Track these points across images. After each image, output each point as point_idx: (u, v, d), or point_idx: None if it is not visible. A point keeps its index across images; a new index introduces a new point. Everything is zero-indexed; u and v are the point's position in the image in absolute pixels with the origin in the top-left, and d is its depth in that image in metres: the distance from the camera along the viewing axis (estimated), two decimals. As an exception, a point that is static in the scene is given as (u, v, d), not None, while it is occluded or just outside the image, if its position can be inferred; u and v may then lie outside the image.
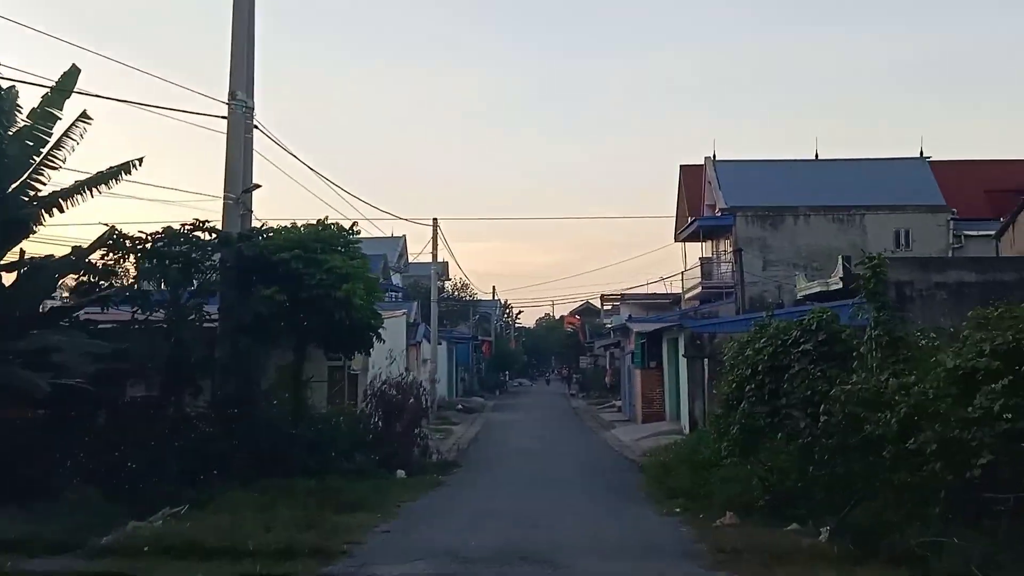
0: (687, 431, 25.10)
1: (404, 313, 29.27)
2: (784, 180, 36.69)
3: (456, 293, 71.21)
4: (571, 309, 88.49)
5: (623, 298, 78.62)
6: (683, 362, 26.29)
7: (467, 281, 75.16)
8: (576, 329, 70.15)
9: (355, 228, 17.62)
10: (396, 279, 64.23)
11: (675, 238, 45.24)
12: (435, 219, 34.72)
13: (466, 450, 23.38)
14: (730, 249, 35.54)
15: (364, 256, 17.35)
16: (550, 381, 78.17)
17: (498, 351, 66.10)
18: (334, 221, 17.32)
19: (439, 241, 34.85)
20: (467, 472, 18.55)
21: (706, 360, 23.10)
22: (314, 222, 16.75)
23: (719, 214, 35.95)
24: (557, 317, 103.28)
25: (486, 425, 32.82)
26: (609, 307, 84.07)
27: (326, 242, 16.33)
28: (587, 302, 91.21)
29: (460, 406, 41.47)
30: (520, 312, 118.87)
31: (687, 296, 39.07)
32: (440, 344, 41.29)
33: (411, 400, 18.82)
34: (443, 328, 51.93)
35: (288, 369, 16.74)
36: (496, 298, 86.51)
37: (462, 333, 51.94)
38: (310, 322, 15.96)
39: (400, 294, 55.78)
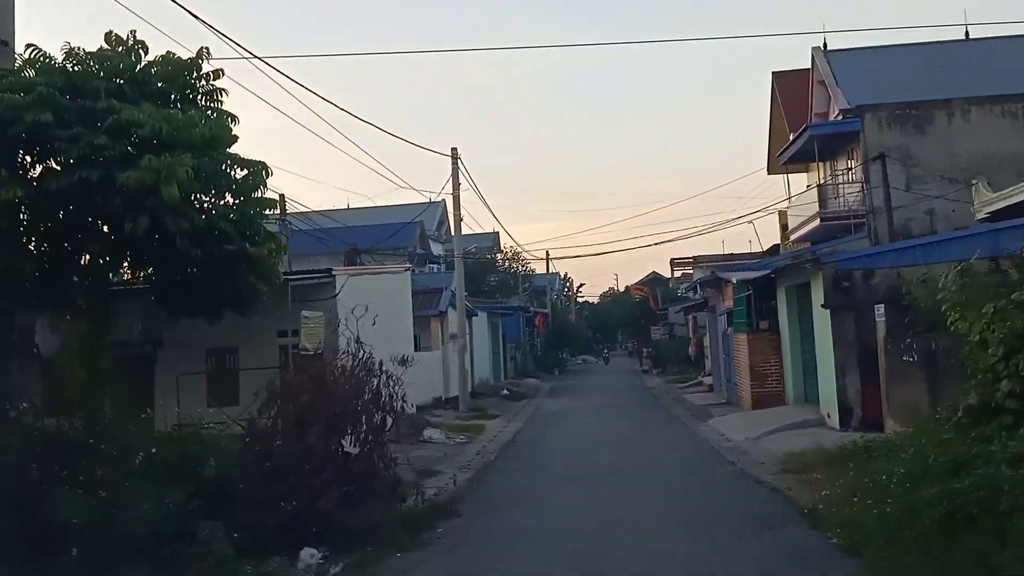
0: (837, 423, 16.03)
1: (407, 268, 20.83)
2: (926, 68, 26.93)
3: (507, 265, 63.03)
4: (637, 281, 79.43)
5: (696, 261, 69.41)
6: (821, 318, 17.17)
7: (518, 249, 66.85)
8: (645, 296, 60.90)
9: (204, 60, 9.01)
10: (437, 249, 56.25)
11: (768, 170, 35.70)
12: (454, 149, 26.26)
13: (487, 470, 14.80)
14: (855, 166, 25.99)
15: (225, 117, 8.78)
16: (608, 359, 66.43)
17: (556, 325, 57.36)
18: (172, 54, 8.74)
19: (461, 177, 26.33)
20: (468, 533, 9.89)
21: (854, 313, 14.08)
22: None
23: (838, 118, 26.45)
24: (622, 289, 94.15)
25: (533, 419, 24.21)
26: (679, 275, 74.77)
27: (142, 85, 7.82)
28: (654, 272, 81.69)
29: (505, 391, 32.96)
30: (582, 285, 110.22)
31: (794, 238, 29.61)
32: (476, 315, 32.75)
33: (362, 399, 10.34)
34: (486, 300, 43.54)
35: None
36: (554, 271, 77.86)
37: (508, 304, 43.32)
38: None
39: (441, 266, 47.77)
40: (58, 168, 7.50)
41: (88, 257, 8.62)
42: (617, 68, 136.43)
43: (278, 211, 18.15)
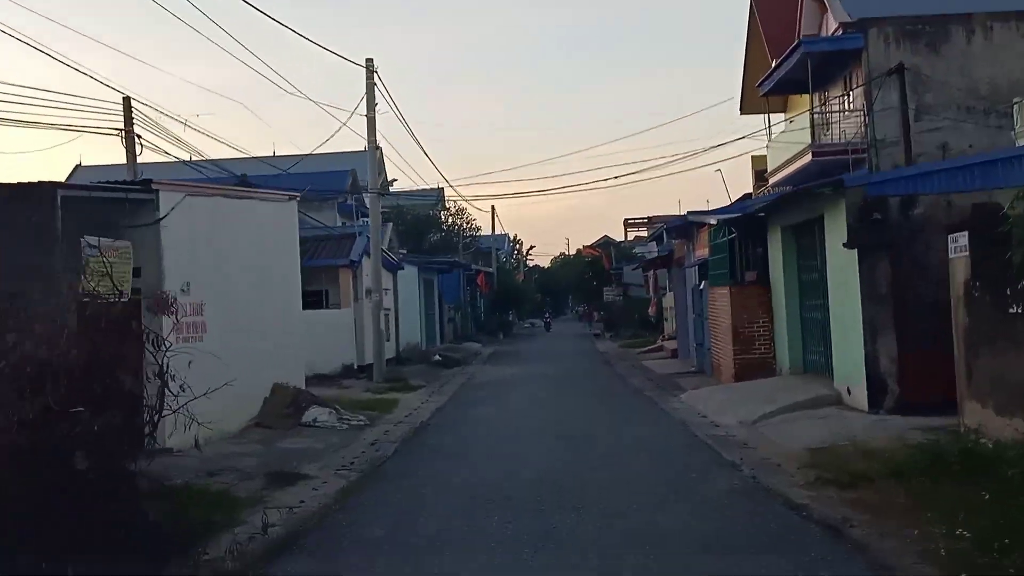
0: (864, 402, 11.71)
1: (293, 197, 15.80)
2: (940, -24, 22.52)
3: (451, 223, 58.16)
4: (589, 245, 75.19)
5: (651, 221, 65.34)
6: (840, 263, 12.76)
7: (463, 203, 61.94)
8: (597, 256, 56.55)
9: None
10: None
11: (742, 108, 31.21)
12: (369, 60, 21.18)
13: (372, 476, 9.92)
14: (857, 88, 21.62)
15: None
16: (550, 325, 56.05)
17: (501, 286, 52.67)
18: None
19: (380, 98, 21.25)
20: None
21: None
22: None
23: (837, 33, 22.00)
24: (573, 253, 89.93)
25: (462, 392, 19.55)
26: (632, 237, 70.51)
27: None
28: (606, 236, 77.19)
29: (438, 356, 28.28)
30: (532, 247, 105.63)
31: (774, 181, 25.22)
32: (401, 269, 27.85)
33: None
34: (413, 254, 38.68)
35: None
36: (503, 232, 72.96)
37: (442, 258, 38.41)
38: None
39: (389, 226, 42.42)
40: None
41: None
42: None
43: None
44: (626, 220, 69.83)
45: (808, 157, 21.66)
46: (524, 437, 12.01)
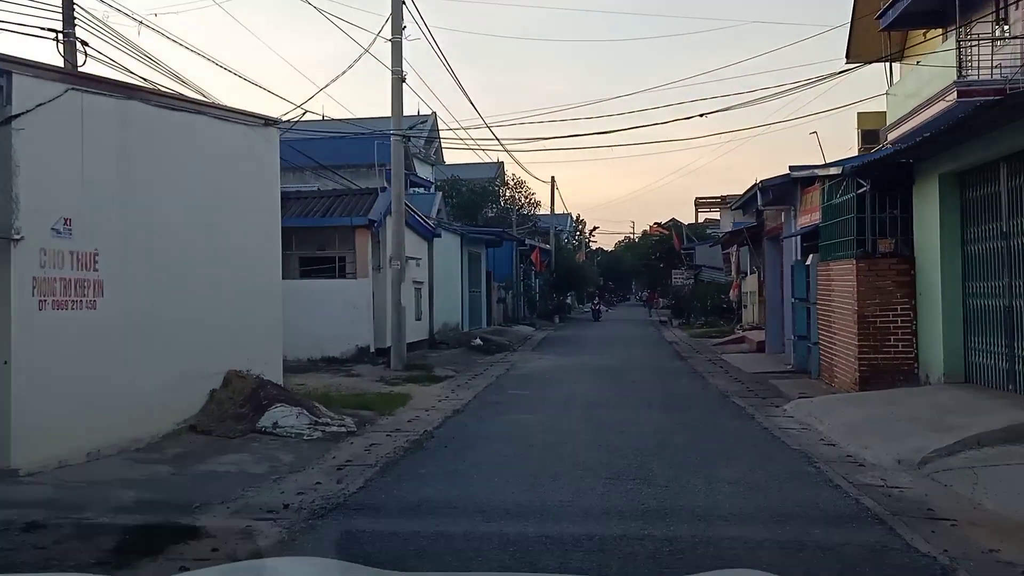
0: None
1: (271, 123, 11.80)
2: None
3: (509, 196, 54.11)
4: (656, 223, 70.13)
5: (724, 201, 60.35)
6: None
7: (523, 177, 57.79)
8: (666, 235, 51.68)
9: None
10: (426, 172, 47.19)
11: (848, 56, 26.17)
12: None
13: (291, 546, 5.91)
14: (1016, 14, 16.67)
15: None
16: (599, 312, 46.63)
17: (559, 265, 48.33)
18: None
19: (409, 21, 17.15)
20: None
21: None
22: None
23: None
24: (639, 236, 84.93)
25: (494, 388, 15.39)
26: (703, 220, 65.21)
27: None
28: (674, 219, 71.99)
29: (478, 340, 24.26)
30: (596, 228, 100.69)
31: (895, 136, 20.29)
32: (438, 236, 23.84)
33: None
34: (458, 222, 34.73)
35: None
36: (565, 211, 68.45)
37: (490, 228, 34.25)
38: None
39: (428, 188, 38.80)
40: None
41: None
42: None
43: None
44: (697, 199, 64.62)
45: (951, 98, 16.71)
46: (561, 477, 7.79)
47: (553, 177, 49.73)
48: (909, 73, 20.16)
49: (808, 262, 15.52)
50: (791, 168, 17.27)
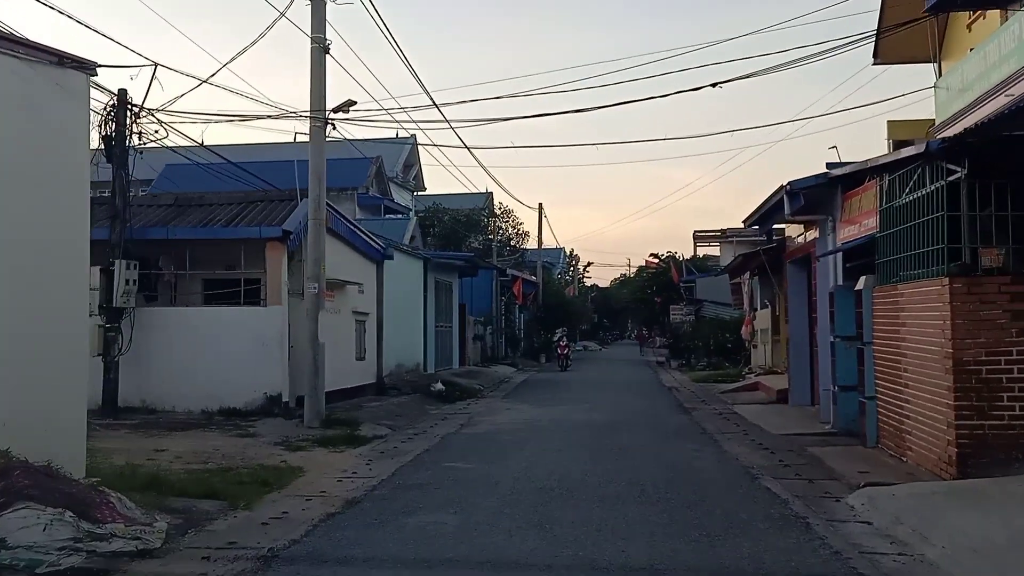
0: None
1: (78, 64, 7.74)
2: None
3: (494, 226, 50.30)
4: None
5: (725, 234, 56.68)
6: None
7: (510, 206, 54.13)
8: (662, 268, 47.62)
9: None
10: (405, 199, 43.31)
11: (876, 56, 22.39)
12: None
13: None
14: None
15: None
16: (565, 360, 32.52)
17: (547, 300, 44.19)
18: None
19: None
20: None
21: None
22: None
23: None
24: (634, 272, 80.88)
25: (434, 455, 11.09)
26: (702, 255, 61.26)
27: None
28: (668, 252, 67.91)
29: (440, 384, 19.98)
30: (590, 264, 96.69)
31: (945, 136, 16.27)
32: (388, 258, 19.71)
33: None
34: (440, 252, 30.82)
35: None
36: (557, 246, 64.42)
37: (459, 253, 30.10)
38: None
39: (406, 217, 34.93)
40: None
41: None
42: None
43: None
44: (696, 232, 60.60)
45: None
46: None
47: (541, 204, 45.82)
48: (961, 63, 16.29)
49: (859, 286, 11.42)
50: (829, 166, 13.29)
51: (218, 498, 8.05)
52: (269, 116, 15.18)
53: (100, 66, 8.32)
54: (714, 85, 12.79)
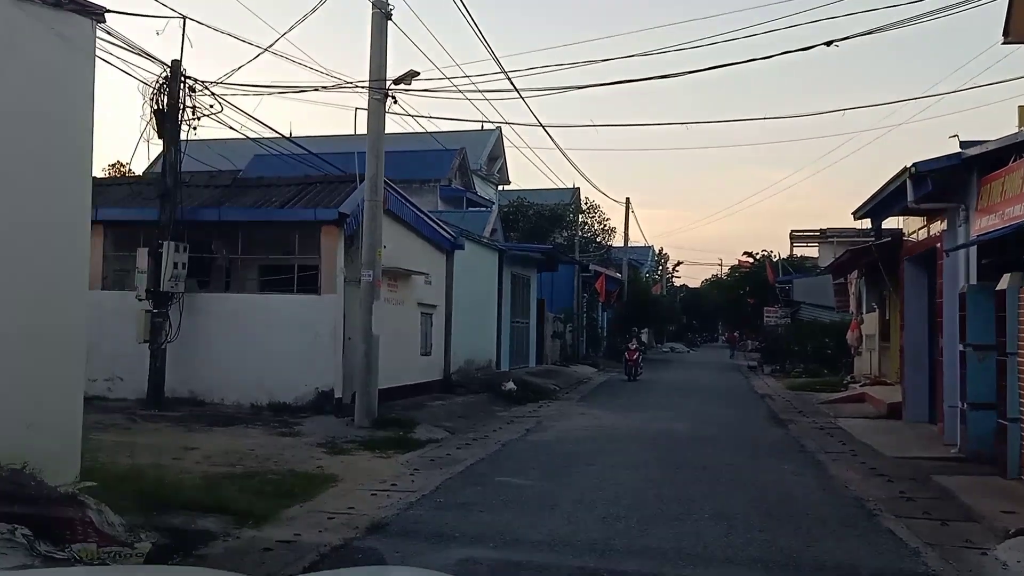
0: None
1: (81, 6, 6.72)
2: None
3: (581, 222, 48.92)
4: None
5: (824, 234, 53.81)
6: None
7: (593, 201, 52.56)
8: (755, 268, 45.10)
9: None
10: (489, 193, 42.17)
11: (1006, 33, 19.87)
12: None
13: None
14: None
15: None
16: (635, 368, 26.27)
17: (633, 297, 42.31)
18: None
19: None
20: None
21: None
22: None
23: None
24: (726, 274, 77.83)
25: (479, 470, 9.69)
26: (799, 256, 58.16)
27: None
28: (763, 251, 65.02)
29: (510, 384, 18.68)
30: (680, 263, 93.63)
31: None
32: (460, 248, 18.54)
33: None
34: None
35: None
36: (646, 244, 62.23)
37: (537, 245, 28.63)
38: None
39: (489, 211, 33.70)
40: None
41: None
42: None
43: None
44: (793, 232, 57.64)
45: None
46: None
47: (628, 198, 43.95)
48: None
49: (1001, 285, 9.48)
50: (962, 145, 11.32)
51: (227, 512, 6.92)
52: (324, 87, 13.62)
53: (109, 11, 7.29)
54: (828, 43, 10.98)
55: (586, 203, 50.79)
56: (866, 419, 15.32)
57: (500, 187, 45.58)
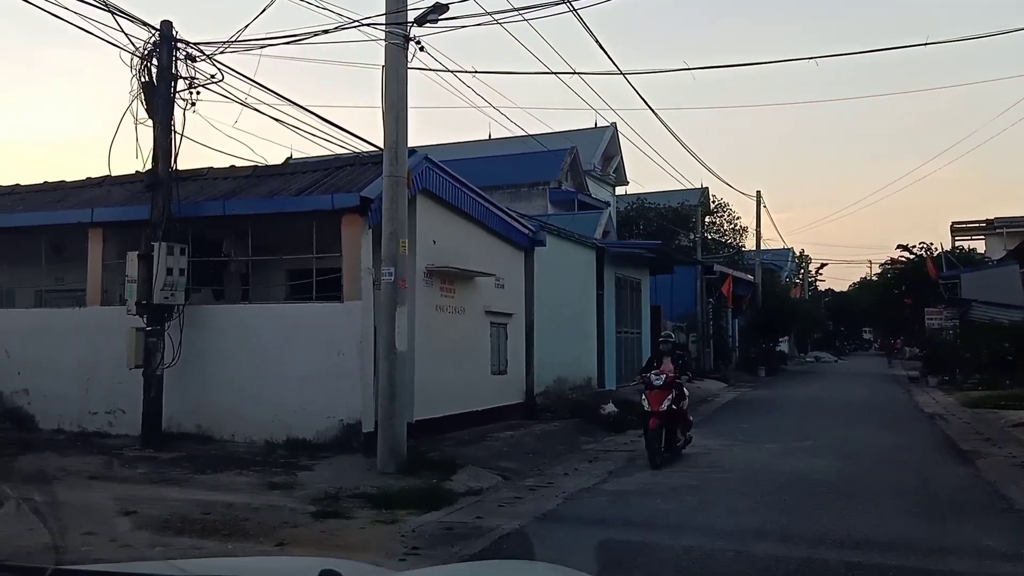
0: None
1: None
2: None
3: (710, 222, 45.12)
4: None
5: (991, 224, 47.54)
6: None
7: (721, 199, 48.41)
8: (914, 263, 39.35)
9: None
10: (604, 195, 38.81)
11: None
12: None
13: None
14: None
15: None
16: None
17: (768, 302, 37.69)
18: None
19: None
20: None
21: None
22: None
23: None
24: (876, 275, 70.54)
25: (512, 548, 6.71)
26: (959, 249, 51.33)
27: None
28: (922, 243, 58.08)
29: (610, 406, 15.42)
30: (824, 265, 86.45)
31: None
32: (541, 245, 15.51)
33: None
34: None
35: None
36: (785, 246, 56.79)
37: (645, 243, 24.99)
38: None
39: (602, 214, 30.48)
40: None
41: None
42: None
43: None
44: (954, 224, 50.91)
45: None
46: None
47: (759, 192, 39.47)
48: None
49: None
50: None
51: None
52: (325, 30, 10.84)
53: None
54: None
55: (714, 202, 46.69)
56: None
57: (618, 189, 42.33)
